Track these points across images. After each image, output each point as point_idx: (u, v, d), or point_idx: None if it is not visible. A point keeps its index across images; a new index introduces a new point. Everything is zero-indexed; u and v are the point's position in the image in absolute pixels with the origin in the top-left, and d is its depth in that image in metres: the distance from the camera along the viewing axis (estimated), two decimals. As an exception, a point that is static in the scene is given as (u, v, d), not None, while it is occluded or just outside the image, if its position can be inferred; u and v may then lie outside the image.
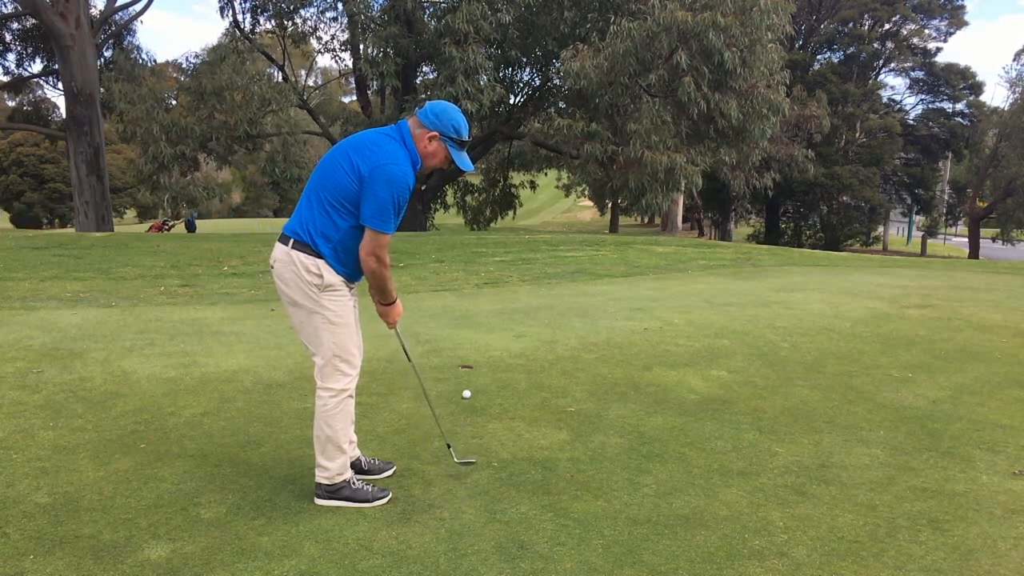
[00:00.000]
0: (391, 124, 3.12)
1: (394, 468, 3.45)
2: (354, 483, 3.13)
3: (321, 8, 23.52)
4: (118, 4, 23.71)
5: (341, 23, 24.21)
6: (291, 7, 22.59)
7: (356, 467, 3.32)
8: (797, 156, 25.32)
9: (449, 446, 3.39)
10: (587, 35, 19.25)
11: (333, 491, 3.08)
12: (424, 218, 25.68)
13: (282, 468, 3.46)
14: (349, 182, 2.87)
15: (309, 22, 24.23)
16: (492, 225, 33.01)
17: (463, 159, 3.03)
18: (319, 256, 2.93)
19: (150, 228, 33.91)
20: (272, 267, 3.03)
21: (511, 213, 32.96)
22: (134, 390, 4.57)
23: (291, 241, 2.96)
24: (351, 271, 3.01)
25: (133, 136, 19.88)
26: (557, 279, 10.28)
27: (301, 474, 3.36)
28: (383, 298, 3.06)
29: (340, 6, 22.84)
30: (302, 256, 2.93)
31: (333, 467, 3.07)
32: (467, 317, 7.14)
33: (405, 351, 3.39)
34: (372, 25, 20.70)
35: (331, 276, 2.95)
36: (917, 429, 4.18)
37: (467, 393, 4.64)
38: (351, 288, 3.09)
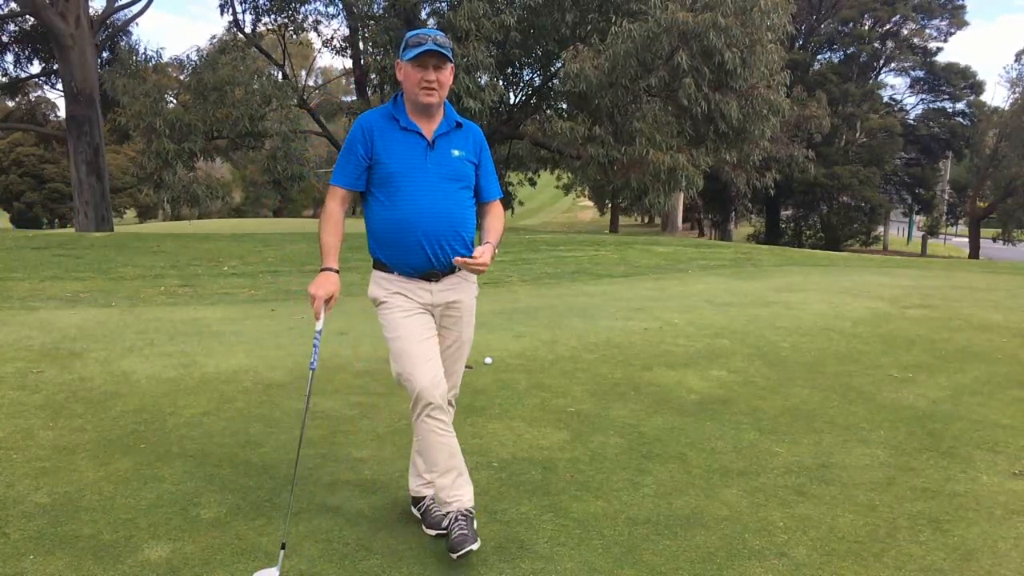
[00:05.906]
0: None
1: (477, 543, 2.66)
2: (431, 505, 2.95)
3: (323, 2, 23.46)
4: (118, 4, 23.70)
5: (341, 21, 24.23)
6: (292, 3, 22.55)
7: (416, 502, 3.04)
8: (797, 156, 25.33)
9: (283, 545, 2.62)
10: (587, 36, 19.22)
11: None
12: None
13: (282, 468, 3.46)
14: None
15: (310, 18, 24.24)
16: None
17: (419, 48, 2.70)
18: (375, 264, 2.86)
19: None
20: None
21: (510, 211, 33.03)
22: (134, 390, 4.57)
23: None
24: (397, 253, 2.76)
25: (136, 129, 19.73)
26: (557, 279, 10.27)
27: (301, 474, 3.35)
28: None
29: (340, 3, 22.83)
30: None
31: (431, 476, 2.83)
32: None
33: (312, 365, 2.78)
34: (372, 23, 20.69)
35: (374, 289, 2.84)
36: (917, 429, 4.18)
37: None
38: (415, 296, 2.80)
